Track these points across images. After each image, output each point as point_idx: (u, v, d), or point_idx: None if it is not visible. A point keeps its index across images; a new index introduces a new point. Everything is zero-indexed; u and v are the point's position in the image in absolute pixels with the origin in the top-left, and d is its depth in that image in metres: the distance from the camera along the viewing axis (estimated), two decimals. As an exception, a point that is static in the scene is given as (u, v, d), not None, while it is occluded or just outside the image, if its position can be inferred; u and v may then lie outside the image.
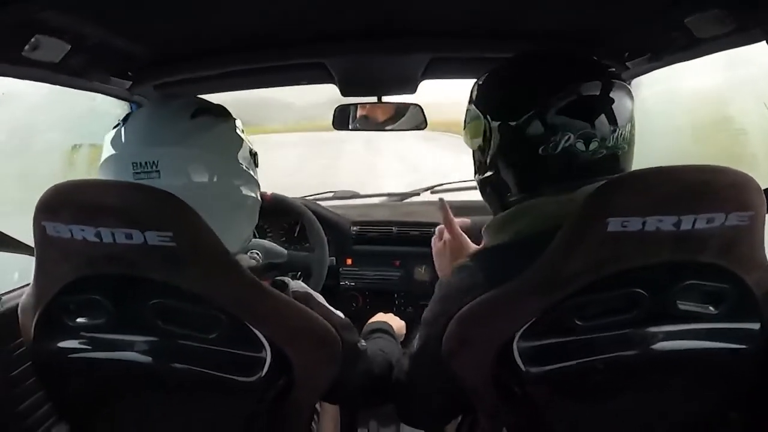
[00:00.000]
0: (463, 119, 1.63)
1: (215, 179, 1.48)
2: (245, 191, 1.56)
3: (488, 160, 1.54)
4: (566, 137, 1.40)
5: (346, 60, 2.24)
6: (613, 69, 1.49)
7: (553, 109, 1.40)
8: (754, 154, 3.34)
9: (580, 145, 1.40)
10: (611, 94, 1.42)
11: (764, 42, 1.47)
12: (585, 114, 1.41)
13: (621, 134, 1.42)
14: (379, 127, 2.84)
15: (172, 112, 1.52)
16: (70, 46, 1.60)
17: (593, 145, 1.40)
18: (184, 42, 1.96)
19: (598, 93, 1.42)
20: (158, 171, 1.41)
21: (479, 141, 1.54)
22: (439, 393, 1.57)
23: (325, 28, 1.93)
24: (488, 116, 1.51)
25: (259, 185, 1.63)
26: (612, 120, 1.41)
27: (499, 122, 1.48)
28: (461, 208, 3.38)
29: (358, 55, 2.18)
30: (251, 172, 1.59)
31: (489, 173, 1.55)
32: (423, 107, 2.74)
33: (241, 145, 1.56)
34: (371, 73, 2.43)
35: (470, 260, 1.49)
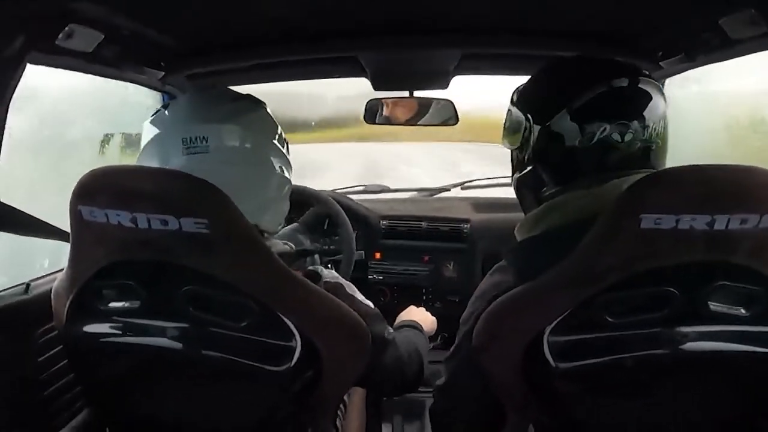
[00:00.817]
0: (503, 123, 1.66)
1: (258, 157, 1.51)
2: (285, 173, 1.59)
3: (526, 158, 1.56)
4: (602, 128, 1.42)
5: (378, 54, 2.24)
6: (646, 71, 1.49)
7: (589, 102, 1.43)
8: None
9: (616, 136, 1.42)
10: (645, 91, 1.44)
11: None
12: (619, 107, 1.43)
13: (654, 130, 1.43)
14: (410, 121, 2.84)
15: (214, 96, 1.56)
16: (103, 36, 1.61)
17: (628, 137, 1.42)
18: (216, 33, 1.97)
19: (632, 89, 1.44)
20: (208, 146, 1.43)
21: (518, 140, 1.57)
22: (474, 399, 1.58)
23: (358, 21, 1.93)
24: (528, 114, 1.54)
25: (292, 169, 1.65)
26: (645, 115, 1.42)
27: (537, 119, 1.51)
28: (492, 205, 3.40)
29: (391, 50, 2.18)
30: (287, 159, 1.62)
31: (527, 169, 1.58)
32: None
33: (276, 129, 1.59)
34: (403, 68, 2.44)
35: (505, 260, 1.51)
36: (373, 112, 2.83)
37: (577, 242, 1.27)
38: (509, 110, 1.62)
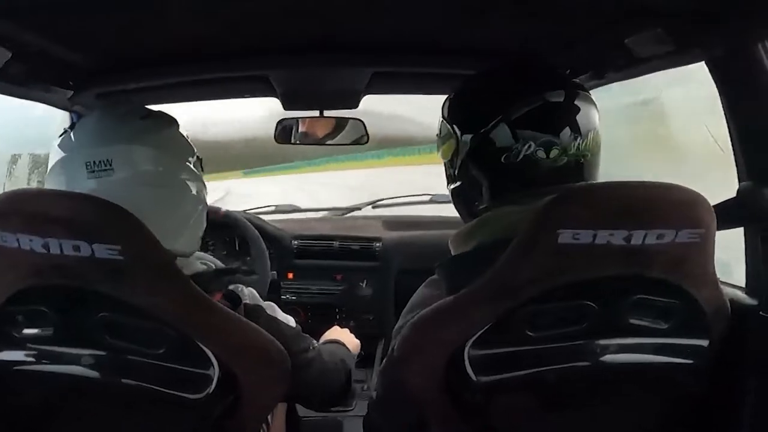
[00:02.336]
0: (437, 133, 1.66)
1: (168, 178, 1.48)
2: (196, 192, 1.55)
3: (456, 171, 1.57)
4: (527, 145, 1.43)
5: (288, 74, 2.23)
6: (577, 80, 1.52)
7: (514, 118, 1.43)
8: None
9: (541, 153, 1.43)
10: (574, 103, 1.46)
11: (704, 62, 1.51)
12: (546, 122, 1.44)
13: (583, 142, 1.44)
14: (321, 141, 2.85)
15: (122, 114, 1.52)
16: (11, 54, 1.57)
17: (554, 153, 1.43)
18: (126, 52, 1.93)
19: (559, 102, 1.45)
20: (112, 169, 1.39)
21: (449, 152, 1.57)
22: (407, 411, 1.58)
23: (269, 41, 1.93)
24: (455, 126, 1.54)
25: (206, 189, 1.63)
26: (574, 128, 1.44)
27: (465, 132, 1.52)
28: (403, 223, 3.44)
29: (301, 69, 2.18)
30: (200, 177, 1.58)
31: (458, 183, 1.59)
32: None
33: (189, 148, 1.56)
34: (313, 87, 2.43)
35: (438, 273, 1.51)
36: (284, 132, 2.82)
37: None
38: (440, 121, 1.62)
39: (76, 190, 1.38)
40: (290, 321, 1.61)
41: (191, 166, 1.55)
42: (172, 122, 1.57)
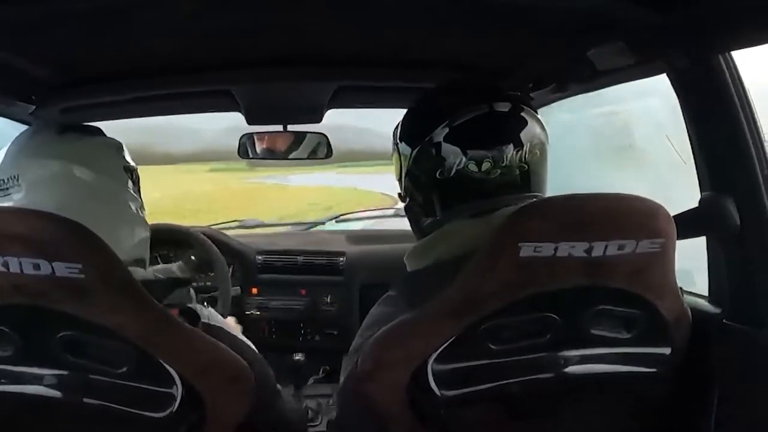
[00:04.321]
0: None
1: (80, 190, 1.46)
2: (116, 204, 1.53)
3: (403, 188, 1.58)
4: (458, 160, 1.43)
5: (252, 88, 2.22)
6: (514, 93, 1.52)
7: (443, 134, 1.45)
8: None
9: (473, 167, 1.43)
10: (506, 115, 1.47)
11: (665, 74, 1.53)
12: (474, 136, 1.45)
13: (518, 153, 1.45)
14: (284, 155, 2.84)
15: (40, 129, 1.52)
16: None
17: (486, 166, 1.43)
18: (88, 66, 1.92)
19: (490, 115, 1.46)
20: (20, 185, 1.40)
21: (397, 169, 1.59)
22: (368, 428, 1.55)
23: (232, 56, 1.92)
24: (398, 144, 1.56)
25: (138, 200, 1.60)
26: (506, 140, 1.44)
27: (404, 149, 1.54)
28: (366, 238, 3.44)
29: (265, 84, 2.17)
30: (126, 187, 1.56)
31: (407, 200, 1.59)
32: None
33: (111, 160, 1.54)
34: (277, 102, 2.43)
35: (394, 289, 1.51)
36: (247, 147, 2.81)
37: None
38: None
39: None
40: (252, 348, 1.59)
41: (115, 178, 1.53)
42: (96, 135, 1.56)
